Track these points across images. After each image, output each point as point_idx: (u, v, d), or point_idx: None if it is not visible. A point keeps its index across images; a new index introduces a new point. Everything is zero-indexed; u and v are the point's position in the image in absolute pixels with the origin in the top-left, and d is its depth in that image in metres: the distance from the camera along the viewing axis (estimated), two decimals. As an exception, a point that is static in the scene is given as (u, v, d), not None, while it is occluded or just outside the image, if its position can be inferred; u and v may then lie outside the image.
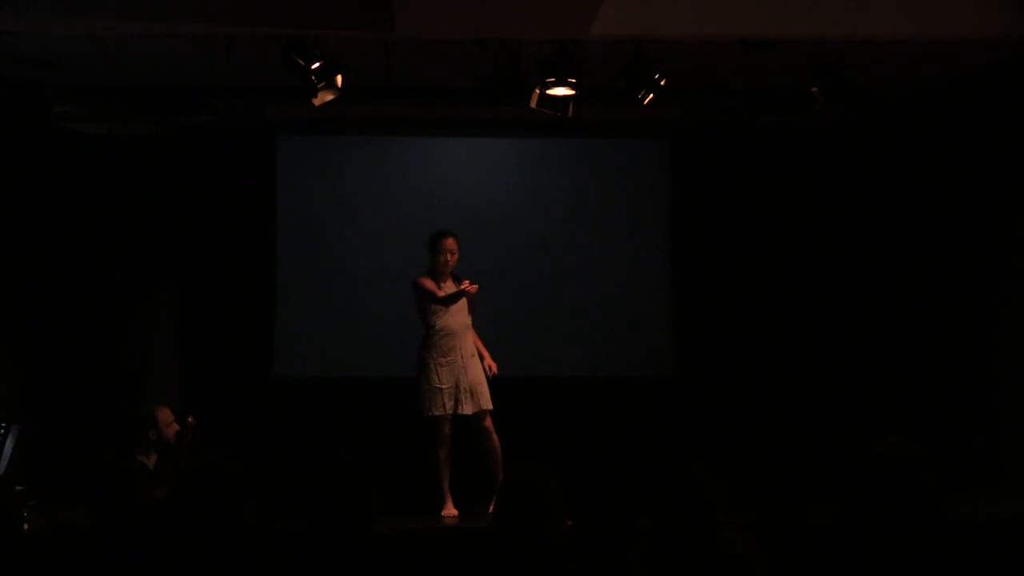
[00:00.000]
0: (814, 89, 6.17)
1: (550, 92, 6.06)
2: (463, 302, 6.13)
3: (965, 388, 7.34)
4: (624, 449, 7.51)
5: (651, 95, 6.12)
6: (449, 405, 5.99)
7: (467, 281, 6.03)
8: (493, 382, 6.34)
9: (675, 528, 3.36)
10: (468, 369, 6.06)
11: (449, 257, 6.14)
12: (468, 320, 6.18)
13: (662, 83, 6.06)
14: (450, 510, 6.07)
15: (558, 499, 3.34)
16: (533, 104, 6.12)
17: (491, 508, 5.93)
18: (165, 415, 5.64)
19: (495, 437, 6.08)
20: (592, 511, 6.06)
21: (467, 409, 6.01)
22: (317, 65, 5.73)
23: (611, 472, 7.04)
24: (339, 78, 5.87)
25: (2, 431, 5.66)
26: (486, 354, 6.25)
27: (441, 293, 6.07)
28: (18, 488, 4.93)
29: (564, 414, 7.70)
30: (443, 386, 6.01)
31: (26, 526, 4.63)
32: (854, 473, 3.60)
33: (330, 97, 5.92)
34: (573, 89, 6.00)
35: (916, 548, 3.51)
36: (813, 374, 7.76)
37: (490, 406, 6.09)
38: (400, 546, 5.27)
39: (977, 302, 7.36)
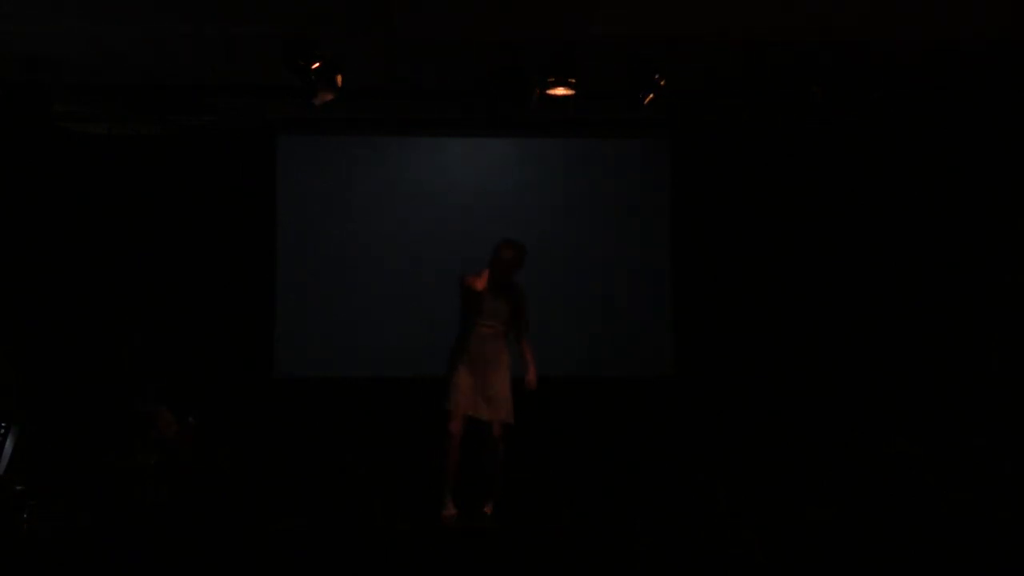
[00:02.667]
0: (814, 89, 6.17)
1: (550, 92, 6.06)
2: (502, 308, 6.00)
3: (965, 388, 7.34)
4: (624, 449, 7.52)
5: (651, 95, 6.12)
6: (465, 404, 5.93)
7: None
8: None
9: (675, 528, 3.37)
10: (489, 374, 5.95)
11: (510, 270, 5.96)
12: (501, 327, 6.03)
13: (662, 83, 6.07)
14: (450, 510, 6.07)
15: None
16: (533, 104, 6.12)
17: (486, 510, 5.95)
18: (165, 415, 5.65)
19: (501, 449, 5.98)
20: (592, 511, 6.06)
21: (484, 415, 5.93)
22: (317, 65, 5.74)
23: (611, 472, 7.05)
24: (339, 78, 5.88)
25: (2, 431, 5.67)
26: (531, 368, 6.06)
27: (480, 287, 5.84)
28: (18, 488, 4.94)
29: (564, 414, 7.70)
30: (462, 384, 5.94)
31: (26, 526, 4.64)
32: (854, 473, 3.61)
33: (330, 97, 5.93)
34: (573, 89, 6.00)
35: (916, 548, 3.52)
36: (813, 374, 7.77)
37: (510, 419, 5.97)
38: (400, 546, 5.28)
39: (977, 302, 7.37)
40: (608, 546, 5.21)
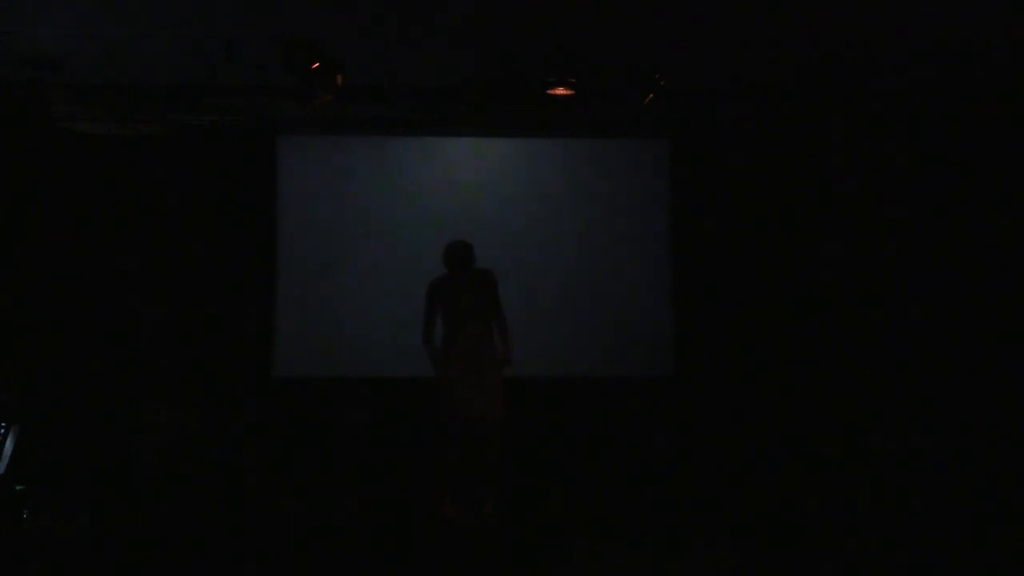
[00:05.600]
0: (814, 89, 6.18)
1: (550, 92, 6.07)
2: (474, 304, 6.03)
3: (964, 388, 7.34)
4: (624, 449, 7.52)
5: (651, 95, 6.13)
6: (460, 404, 5.94)
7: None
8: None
9: (675, 528, 3.38)
10: (480, 371, 5.96)
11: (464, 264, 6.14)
12: (480, 325, 6.06)
13: (662, 83, 6.08)
14: (450, 509, 6.07)
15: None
16: (533, 103, 6.13)
17: (486, 510, 5.95)
18: (165, 415, 5.66)
19: (500, 448, 5.98)
20: (592, 511, 6.07)
21: (480, 414, 5.94)
22: (317, 65, 5.75)
23: (611, 472, 7.05)
24: (339, 78, 5.89)
25: (2, 431, 5.68)
26: (502, 347, 6.08)
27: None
28: (18, 488, 4.95)
29: (564, 414, 7.70)
30: (455, 384, 5.96)
31: (26, 526, 4.64)
32: (854, 473, 3.61)
33: (330, 97, 5.94)
34: (573, 89, 6.01)
35: (916, 548, 3.52)
36: (813, 374, 7.77)
37: (495, 418, 5.98)
38: (401, 546, 5.28)
39: (977, 302, 7.37)
40: (608, 546, 5.22)
